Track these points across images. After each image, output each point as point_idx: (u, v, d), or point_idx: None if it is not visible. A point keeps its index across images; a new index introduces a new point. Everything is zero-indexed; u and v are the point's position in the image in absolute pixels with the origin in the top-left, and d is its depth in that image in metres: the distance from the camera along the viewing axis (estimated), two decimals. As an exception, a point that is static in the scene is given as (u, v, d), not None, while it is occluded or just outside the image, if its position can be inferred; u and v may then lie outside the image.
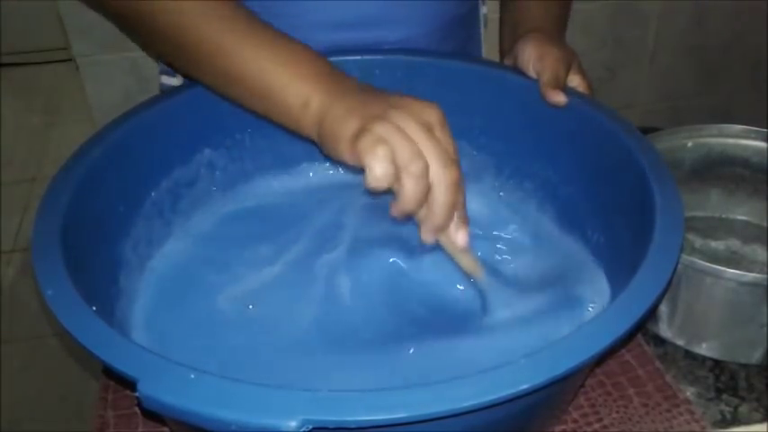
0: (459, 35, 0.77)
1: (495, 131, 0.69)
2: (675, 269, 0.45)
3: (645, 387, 0.58)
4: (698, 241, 0.72)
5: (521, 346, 0.52)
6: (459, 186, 0.49)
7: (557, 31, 0.70)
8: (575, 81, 0.64)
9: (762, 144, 0.70)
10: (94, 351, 0.40)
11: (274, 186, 0.70)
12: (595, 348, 0.39)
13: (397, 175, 0.47)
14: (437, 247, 0.55)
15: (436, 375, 0.38)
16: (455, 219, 0.51)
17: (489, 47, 0.84)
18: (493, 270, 0.59)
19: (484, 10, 0.82)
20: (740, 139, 0.71)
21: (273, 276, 0.61)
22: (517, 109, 0.66)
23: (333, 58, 0.68)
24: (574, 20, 0.75)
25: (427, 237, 0.51)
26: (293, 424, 0.35)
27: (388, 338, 0.55)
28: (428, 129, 0.48)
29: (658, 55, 1.52)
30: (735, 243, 0.71)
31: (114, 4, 0.60)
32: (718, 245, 0.71)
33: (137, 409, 0.57)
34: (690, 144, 0.72)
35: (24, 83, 2.40)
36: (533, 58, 0.63)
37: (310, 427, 0.35)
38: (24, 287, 1.66)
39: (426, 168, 0.47)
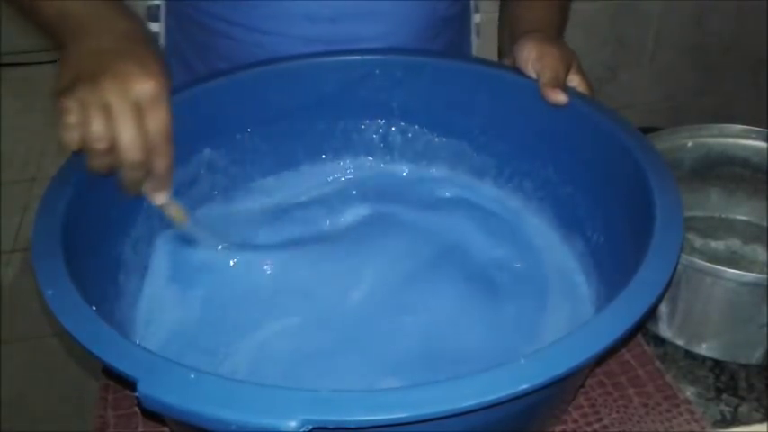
0: (444, 38, 0.77)
1: (495, 131, 0.69)
2: (675, 269, 0.45)
3: (645, 387, 0.58)
4: (698, 241, 0.72)
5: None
6: (154, 166, 0.51)
7: (556, 32, 0.70)
8: (574, 81, 0.64)
9: (762, 144, 0.70)
10: (94, 351, 0.40)
11: (275, 187, 0.70)
12: (595, 348, 0.39)
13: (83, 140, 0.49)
14: None
15: None
16: (154, 182, 0.53)
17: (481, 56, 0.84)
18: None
19: (477, 18, 0.82)
20: (740, 139, 0.71)
21: (274, 277, 0.61)
22: (517, 109, 0.66)
23: (333, 58, 0.68)
24: (574, 20, 0.75)
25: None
26: (293, 424, 0.35)
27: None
28: (136, 106, 0.49)
29: (658, 55, 1.52)
30: (735, 243, 0.71)
31: None
32: (718, 245, 0.71)
33: (137, 409, 0.57)
34: (690, 144, 0.72)
35: (24, 83, 2.39)
36: (533, 58, 0.63)
37: (310, 427, 0.35)
38: (24, 287, 1.65)
39: (109, 149, 0.49)
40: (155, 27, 0.77)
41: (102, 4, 0.54)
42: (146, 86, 0.49)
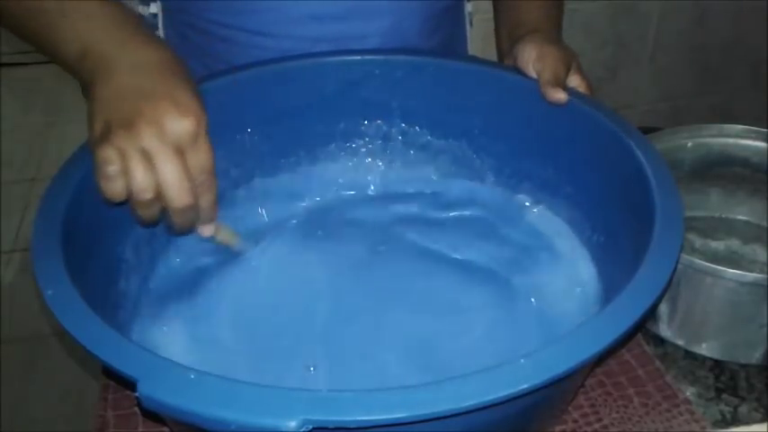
0: (445, 30, 0.77)
1: (495, 131, 0.69)
2: (675, 269, 0.45)
3: (645, 387, 0.58)
4: (698, 241, 0.72)
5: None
6: (200, 203, 0.50)
7: (555, 31, 0.70)
8: (574, 81, 0.64)
9: (762, 144, 0.70)
10: (94, 351, 0.40)
11: (275, 187, 0.70)
12: (595, 348, 0.39)
13: (127, 191, 0.47)
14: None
15: None
16: (201, 218, 0.52)
17: (474, 46, 0.84)
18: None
19: (469, 8, 0.82)
20: (740, 139, 0.71)
21: (275, 278, 0.61)
22: (517, 109, 0.66)
23: (333, 58, 0.68)
24: (574, 20, 0.75)
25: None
26: (293, 424, 0.35)
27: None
28: (176, 148, 0.47)
29: (658, 55, 1.52)
30: (735, 243, 0.71)
31: None
32: (718, 245, 0.71)
33: (137, 409, 0.57)
34: (690, 144, 0.72)
35: (24, 83, 2.39)
36: (533, 57, 0.63)
37: (310, 427, 0.35)
38: (24, 287, 1.65)
39: (155, 198, 0.47)
40: None
41: (126, 35, 0.51)
42: (183, 126, 0.47)
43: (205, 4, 0.69)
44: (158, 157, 0.46)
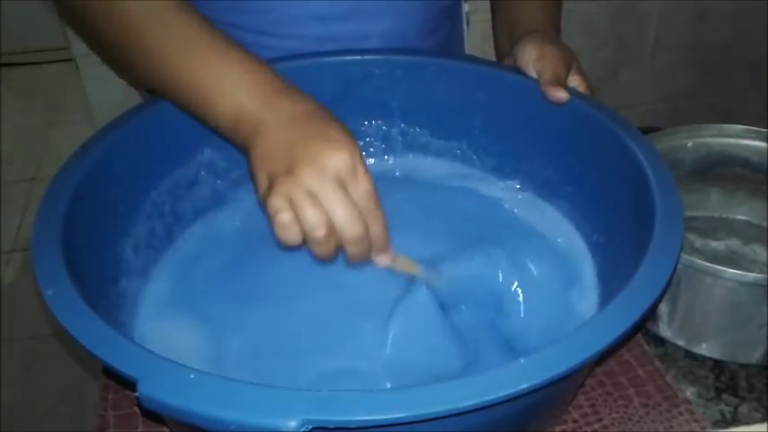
0: (444, 30, 0.77)
1: (495, 131, 0.69)
2: (675, 269, 0.45)
3: (645, 387, 0.58)
4: (698, 241, 0.72)
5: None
6: (371, 232, 0.50)
7: (555, 31, 0.70)
8: (575, 81, 0.64)
9: (762, 144, 0.70)
10: (94, 351, 0.40)
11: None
12: (595, 348, 0.39)
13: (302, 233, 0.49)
14: None
15: None
16: (375, 247, 0.52)
17: (474, 46, 0.84)
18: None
19: (466, 8, 0.82)
20: (740, 139, 0.71)
21: (275, 278, 0.61)
22: (517, 109, 0.66)
23: (333, 58, 0.68)
24: (574, 20, 0.75)
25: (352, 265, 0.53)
26: (293, 424, 0.35)
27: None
28: (338, 182, 0.48)
29: (658, 55, 1.52)
30: (735, 243, 0.71)
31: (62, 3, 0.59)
32: (718, 245, 0.71)
33: (137, 409, 0.57)
34: (690, 144, 0.72)
35: (24, 83, 2.39)
36: (533, 57, 0.63)
37: (310, 427, 0.35)
38: (24, 287, 1.65)
39: (329, 233, 0.48)
40: None
41: (273, 97, 0.52)
42: (338, 160, 0.48)
43: (207, 4, 0.69)
44: (323, 193, 0.48)
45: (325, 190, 0.48)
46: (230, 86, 0.53)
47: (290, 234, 0.48)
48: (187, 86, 0.54)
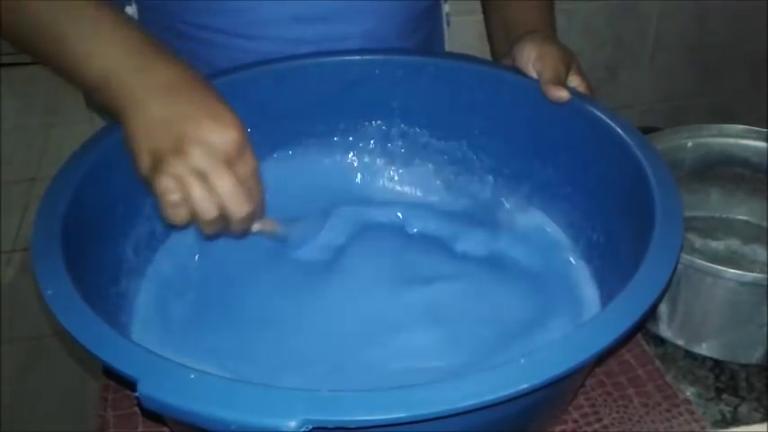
0: (424, 31, 0.77)
1: (495, 132, 0.69)
2: (675, 269, 0.45)
3: (645, 387, 0.58)
4: (698, 241, 0.72)
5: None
6: (255, 211, 0.52)
7: (552, 31, 0.70)
8: (574, 81, 0.64)
9: (762, 144, 0.70)
10: (94, 351, 0.40)
11: (275, 188, 0.70)
12: (595, 348, 0.39)
13: (191, 213, 0.49)
14: None
15: None
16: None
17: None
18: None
19: (446, 8, 0.82)
20: (740, 139, 0.71)
21: (275, 278, 0.61)
22: (517, 109, 0.66)
23: (333, 58, 0.68)
24: (573, 20, 0.75)
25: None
26: (293, 424, 0.35)
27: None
28: (227, 161, 0.49)
29: (658, 55, 1.52)
30: (735, 243, 0.71)
31: None
32: (718, 245, 0.71)
33: (137, 409, 0.57)
34: (690, 144, 0.72)
35: (24, 83, 2.39)
36: (533, 57, 0.63)
37: (310, 427, 0.35)
38: (24, 287, 1.65)
39: (218, 214, 0.49)
40: None
41: (144, 58, 0.51)
42: (229, 139, 0.49)
43: (182, 5, 0.68)
44: (213, 174, 0.48)
45: (216, 170, 0.48)
46: (100, 44, 0.51)
47: (180, 214, 0.49)
48: (57, 42, 0.52)
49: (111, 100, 0.51)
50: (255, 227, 0.55)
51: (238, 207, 0.50)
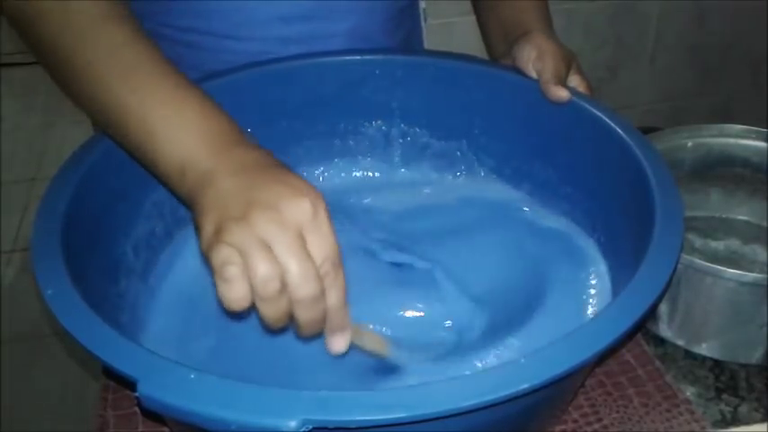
0: (405, 27, 0.77)
1: (495, 131, 0.69)
2: (675, 269, 0.45)
3: (645, 387, 0.58)
4: (698, 241, 0.72)
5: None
6: (327, 299, 0.43)
7: (551, 30, 0.70)
8: (574, 81, 0.64)
9: (762, 144, 0.70)
10: (94, 351, 0.40)
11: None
12: (595, 348, 0.39)
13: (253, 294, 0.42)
14: None
15: None
16: (331, 321, 0.44)
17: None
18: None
19: (423, 5, 0.82)
20: (740, 139, 0.71)
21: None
22: (517, 109, 0.66)
23: (333, 58, 0.68)
24: (574, 20, 0.75)
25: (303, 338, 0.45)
26: (293, 424, 0.35)
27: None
28: (297, 233, 0.42)
29: (658, 55, 1.52)
30: (735, 243, 0.71)
31: (5, 4, 0.53)
32: (718, 245, 0.71)
33: (137, 409, 0.57)
34: (690, 144, 0.72)
35: (24, 83, 2.40)
36: (533, 57, 0.63)
37: (310, 427, 0.35)
38: (24, 287, 1.66)
39: (280, 290, 0.41)
40: None
41: (224, 145, 0.47)
42: (300, 208, 0.42)
43: (166, 8, 0.68)
44: (278, 242, 0.41)
45: (282, 239, 0.41)
46: (179, 131, 0.47)
47: (237, 292, 0.41)
48: (133, 122, 0.48)
49: (186, 188, 0.46)
50: (338, 345, 0.45)
51: (303, 282, 0.41)
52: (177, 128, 0.47)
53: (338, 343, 0.46)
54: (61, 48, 0.50)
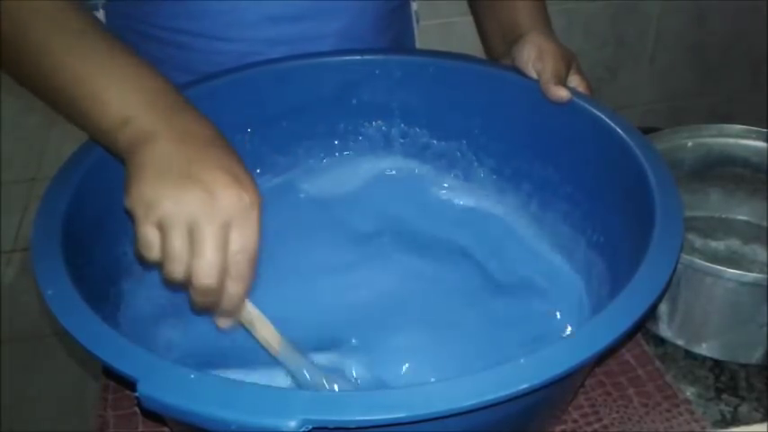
0: (395, 28, 0.77)
1: (495, 131, 0.69)
2: (675, 269, 0.45)
3: (645, 387, 0.58)
4: (698, 241, 0.72)
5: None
6: (228, 291, 0.45)
7: (550, 30, 0.70)
8: (574, 81, 0.64)
9: (762, 144, 0.70)
10: (94, 351, 0.40)
11: (275, 188, 0.70)
12: (595, 348, 0.39)
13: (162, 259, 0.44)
14: None
15: None
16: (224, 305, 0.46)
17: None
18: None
19: (414, 6, 0.82)
20: (740, 139, 0.71)
21: (275, 279, 0.61)
22: (517, 109, 0.66)
23: (333, 58, 0.68)
24: (574, 20, 0.75)
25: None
26: (293, 424, 0.35)
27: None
28: (224, 224, 0.43)
29: (658, 55, 1.52)
30: (735, 243, 0.71)
31: None
32: (718, 245, 0.71)
33: (137, 409, 0.57)
34: (690, 144, 0.72)
35: (24, 83, 2.39)
36: (533, 57, 0.63)
37: (310, 427, 0.35)
38: (24, 287, 1.66)
39: (184, 275, 0.44)
40: None
41: (172, 109, 0.48)
42: (236, 199, 0.43)
43: (155, 9, 0.68)
44: (202, 228, 0.43)
45: (206, 226, 0.43)
46: (130, 88, 0.48)
47: (149, 253, 0.44)
48: (72, 85, 0.49)
49: (121, 140, 0.47)
50: (222, 323, 0.48)
51: (203, 276, 0.43)
52: (126, 87, 0.48)
53: (222, 322, 0.49)
54: (17, 25, 0.51)
